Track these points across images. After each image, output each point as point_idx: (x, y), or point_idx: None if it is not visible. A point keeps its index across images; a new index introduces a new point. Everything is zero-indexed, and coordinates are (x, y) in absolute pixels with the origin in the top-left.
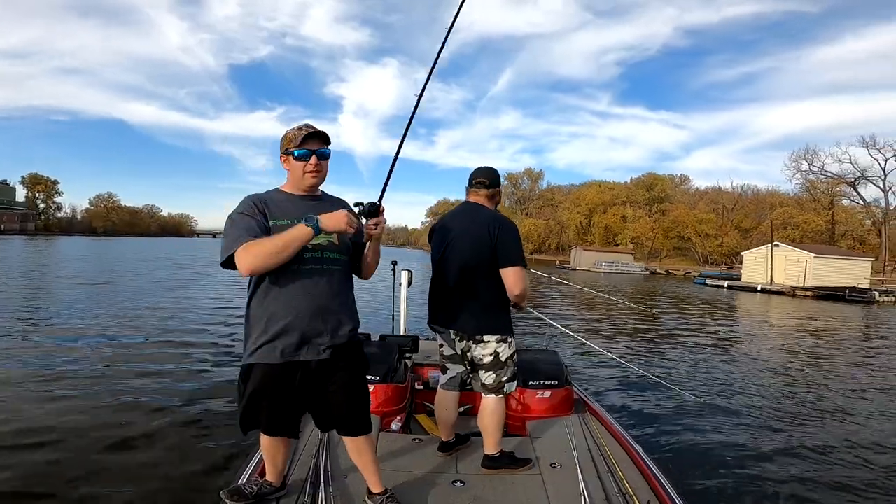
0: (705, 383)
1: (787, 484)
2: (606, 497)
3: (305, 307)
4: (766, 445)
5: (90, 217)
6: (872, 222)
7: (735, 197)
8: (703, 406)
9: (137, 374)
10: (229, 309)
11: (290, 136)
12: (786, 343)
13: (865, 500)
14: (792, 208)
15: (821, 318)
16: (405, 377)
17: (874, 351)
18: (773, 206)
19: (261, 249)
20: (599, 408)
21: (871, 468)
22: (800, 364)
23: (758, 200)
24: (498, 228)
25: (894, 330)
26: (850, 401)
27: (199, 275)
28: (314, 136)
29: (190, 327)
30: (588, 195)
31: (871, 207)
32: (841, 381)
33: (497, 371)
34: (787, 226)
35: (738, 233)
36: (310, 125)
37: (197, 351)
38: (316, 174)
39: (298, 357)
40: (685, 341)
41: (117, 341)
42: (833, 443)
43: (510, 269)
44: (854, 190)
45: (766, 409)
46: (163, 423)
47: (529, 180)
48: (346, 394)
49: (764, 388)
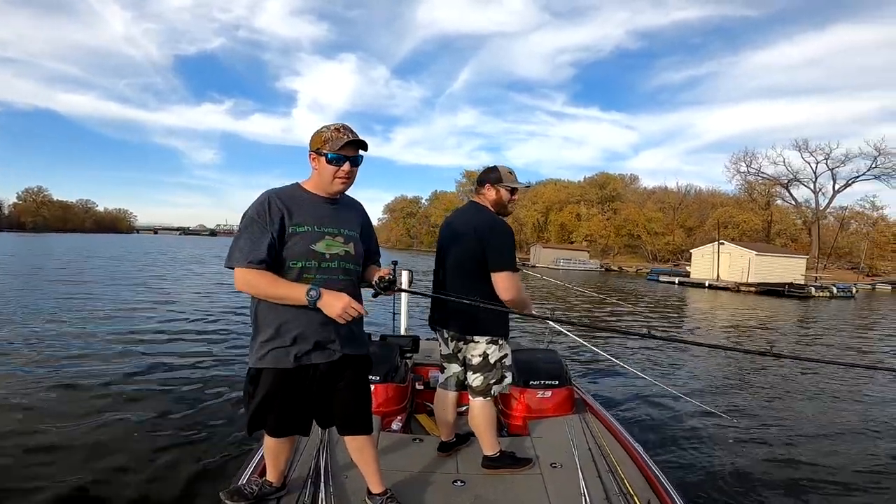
0: (702, 381)
1: (786, 483)
2: (607, 497)
3: (319, 315)
4: (765, 445)
5: (18, 212)
6: (803, 222)
7: (680, 197)
8: (702, 406)
9: (135, 373)
10: (224, 309)
11: (326, 137)
12: (753, 336)
13: (864, 495)
14: (732, 208)
15: (767, 312)
16: (406, 377)
17: (824, 339)
18: (714, 206)
19: (258, 289)
20: (600, 407)
21: (867, 464)
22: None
23: (700, 200)
24: (487, 232)
25: (829, 322)
26: (833, 392)
27: (177, 270)
28: (354, 144)
29: (186, 327)
30: (545, 193)
31: (802, 208)
32: (814, 376)
33: (485, 373)
34: (727, 225)
35: (683, 231)
36: (348, 128)
37: (196, 351)
38: (346, 181)
39: (311, 361)
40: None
41: (116, 340)
42: (827, 437)
43: (498, 274)
44: (787, 191)
45: (766, 409)
46: (162, 423)
47: None
48: (353, 392)
49: (760, 388)
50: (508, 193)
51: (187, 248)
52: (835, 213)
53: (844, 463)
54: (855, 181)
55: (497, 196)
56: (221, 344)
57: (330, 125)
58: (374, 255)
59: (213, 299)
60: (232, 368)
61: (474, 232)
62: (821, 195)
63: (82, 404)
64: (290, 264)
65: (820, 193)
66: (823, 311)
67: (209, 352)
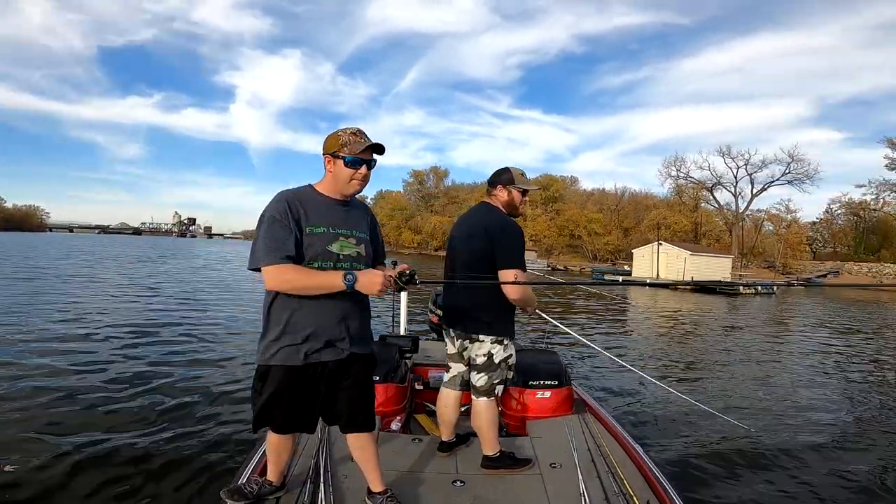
0: (702, 382)
1: (786, 483)
2: (606, 497)
3: (332, 314)
4: (766, 444)
5: None
6: (725, 223)
7: (617, 198)
8: (702, 406)
9: (133, 373)
10: (227, 307)
11: (343, 140)
12: (699, 330)
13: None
14: (665, 210)
15: (705, 307)
16: (405, 377)
17: (762, 330)
18: (648, 208)
19: (293, 283)
20: (599, 408)
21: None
22: (771, 359)
23: (636, 202)
24: (498, 232)
25: (757, 317)
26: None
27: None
28: (374, 148)
29: (185, 325)
30: None
31: (724, 210)
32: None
33: (489, 373)
34: (661, 226)
35: (620, 231)
36: (363, 132)
37: (195, 350)
38: (362, 183)
39: (320, 358)
40: (649, 334)
41: (113, 339)
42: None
43: (506, 272)
44: (711, 194)
45: (766, 409)
46: (161, 423)
47: (435, 178)
48: (359, 390)
49: (760, 388)
50: (520, 195)
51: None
52: (752, 216)
53: (848, 462)
54: (770, 185)
55: (509, 197)
56: (221, 343)
57: (346, 129)
58: (380, 256)
59: (211, 298)
60: (232, 368)
61: (485, 232)
62: (740, 198)
63: (81, 404)
64: (307, 265)
65: (740, 197)
66: (751, 306)
67: (209, 351)
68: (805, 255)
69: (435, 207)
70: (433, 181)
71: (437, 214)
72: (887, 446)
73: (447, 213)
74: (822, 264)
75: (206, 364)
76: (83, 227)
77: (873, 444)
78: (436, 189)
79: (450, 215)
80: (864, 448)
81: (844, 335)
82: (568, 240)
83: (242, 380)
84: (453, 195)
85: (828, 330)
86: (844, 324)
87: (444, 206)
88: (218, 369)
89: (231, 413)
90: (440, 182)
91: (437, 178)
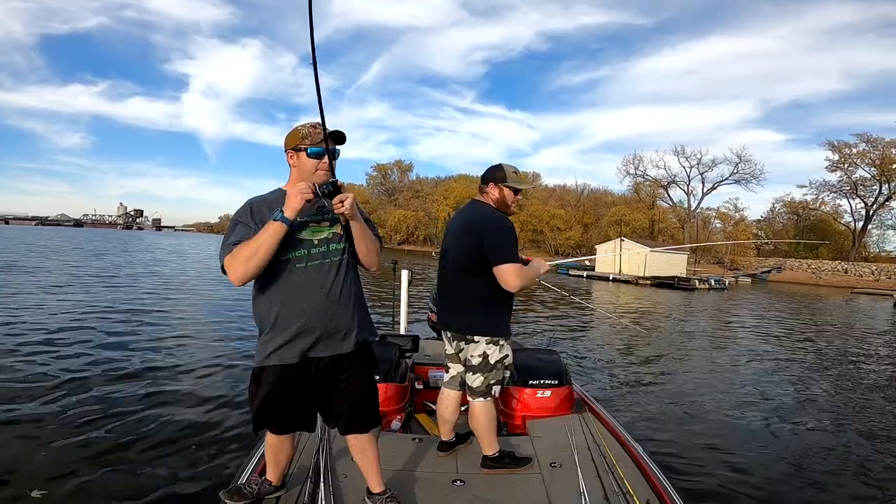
0: (701, 382)
1: (786, 483)
2: (606, 496)
3: (317, 305)
4: (766, 445)
5: None
6: (679, 220)
7: (578, 194)
8: (701, 405)
9: (132, 373)
10: (225, 303)
11: (304, 133)
12: (668, 322)
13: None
14: (623, 207)
15: (666, 301)
16: (405, 377)
17: (719, 318)
18: (607, 205)
19: (238, 257)
20: (599, 407)
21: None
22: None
23: (595, 198)
24: (481, 228)
25: (712, 310)
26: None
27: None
28: (332, 136)
29: (184, 323)
30: (456, 189)
31: (678, 208)
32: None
33: (485, 374)
34: (620, 222)
35: (581, 227)
36: (319, 125)
37: (195, 350)
38: (328, 173)
39: (314, 354)
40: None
41: (111, 339)
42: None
43: (500, 267)
44: (666, 192)
45: (766, 410)
46: (160, 423)
47: (399, 171)
48: (358, 388)
49: (758, 388)
50: (512, 193)
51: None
52: (703, 214)
53: (851, 462)
54: (720, 184)
55: (500, 195)
56: (221, 343)
57: (305, 123)
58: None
59: (204, 296)
60: (232, 368)
61: (470, 227)
62: (692, 197)
63: (79, 404)
64: (280, 257)
65: (692, 195)
66: (706, 300)
67: (209, 350)
68: (751, 252)
69: (399, 201)
70: (397, 175)
71: (400, 208)
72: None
73: (411, 207)
74: (766, 261)
75: (206, 364)
76: (19, 218)
77: (871, 443)
78: (400, 183)
79: (414, 209)
80: (865, 443)
81: (815, 328)
82: (531, 234)
83: (242, 379)
84: (417, 189)
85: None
86: (810, 317)
87: (408, 199)
88: (217, 369)
89: (230, 413)
90: (405, 176)
91: (402, 171)
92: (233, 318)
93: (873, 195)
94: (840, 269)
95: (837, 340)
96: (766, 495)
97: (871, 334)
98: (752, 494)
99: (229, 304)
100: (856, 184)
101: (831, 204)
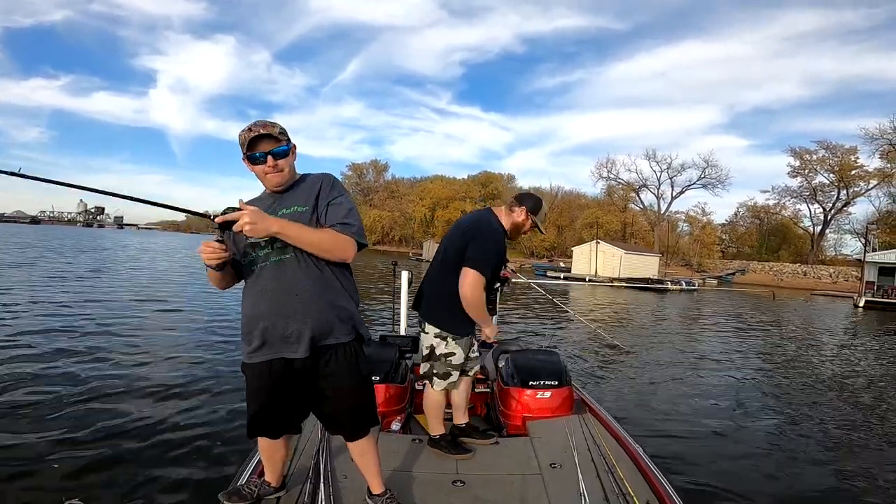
0: (701, 382)
1: (786, 483)
2: (606, 497)
3: (284, 305)
4: (765, 444)
5: None
6: (649, 223)
7: (552, 196)
8: (701, 405)
9: (131, 373)
10: (222, 309)
11: (241, 140)
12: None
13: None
14: (597, 210)
15: (641, 301)
16: (405, 377)
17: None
18: (580, 207)
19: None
20: (599, 408)
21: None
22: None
23: (569, 201)
24: (477, 231)
25: (685, 311)
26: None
27: None
28: (262, 138)
29: (183, 324)
30: (432, 189)
31: (648, 211)
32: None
33: (430, 361)
34: (593, 225)
35: (555, 229)
36: (257, 125)
37: (195, 350)
38: (277, 173)
39: (280, 354)
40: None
41: (111, 338)
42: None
43: (466, 269)
44: (638, 196)
45: (766, 410)
46: (160, 424)
47: (374, 171)
48: (344, 395)
49: (757, 388)
50: (530, 226)
51: None
52: (671, 218)
53: (852, 462)
54: (688, 188)
55: (522, 222)
56: (221, 343)
57: (244, 127)
58: (336, 216)
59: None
60: (232, 368)
61: (469, 229)
62: (662, 200)
63: (78, 404)
64: (242, 261)
65: (662, 199)
66: (678, 301)
67: (208, 350)
68: (716, 255)
69: (374, 201)
70: (373, 175)
71: (375, 208)
72: None
73: (386, 208)
74: (731, 263)
75: (206, 364)
76: None
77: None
78: (375, 183)
79: (389, 210)
80: (858, 449)
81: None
82: None
83: (241, 380)
84: (393, 189)
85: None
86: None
87: (383, 200)
88: (217, 370)
89: (230, 414)
90: (380, 176)
91: (377, 171)
92: (233, 318)
93: (831, 200)
94: (800, 272)
95: (832, 344)
96: (766, 495)
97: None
98: (752, 494)
99: (230, 305)
100: (815, 189)
101: (791, 209)
